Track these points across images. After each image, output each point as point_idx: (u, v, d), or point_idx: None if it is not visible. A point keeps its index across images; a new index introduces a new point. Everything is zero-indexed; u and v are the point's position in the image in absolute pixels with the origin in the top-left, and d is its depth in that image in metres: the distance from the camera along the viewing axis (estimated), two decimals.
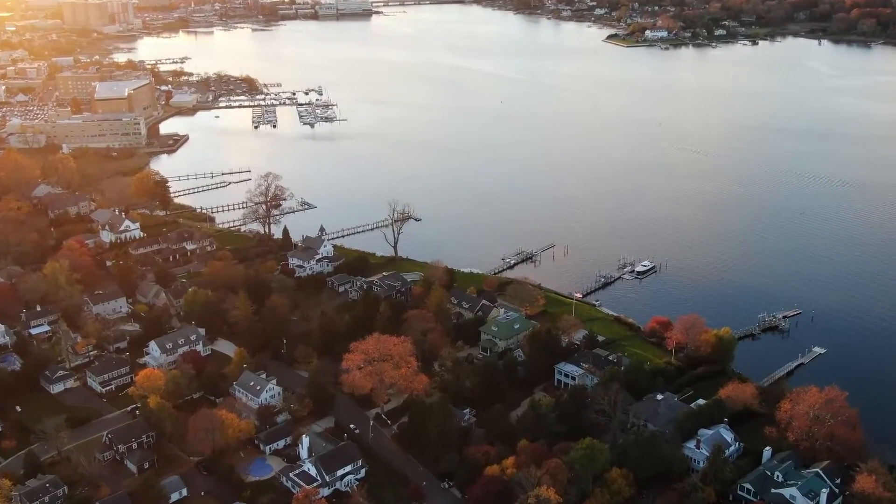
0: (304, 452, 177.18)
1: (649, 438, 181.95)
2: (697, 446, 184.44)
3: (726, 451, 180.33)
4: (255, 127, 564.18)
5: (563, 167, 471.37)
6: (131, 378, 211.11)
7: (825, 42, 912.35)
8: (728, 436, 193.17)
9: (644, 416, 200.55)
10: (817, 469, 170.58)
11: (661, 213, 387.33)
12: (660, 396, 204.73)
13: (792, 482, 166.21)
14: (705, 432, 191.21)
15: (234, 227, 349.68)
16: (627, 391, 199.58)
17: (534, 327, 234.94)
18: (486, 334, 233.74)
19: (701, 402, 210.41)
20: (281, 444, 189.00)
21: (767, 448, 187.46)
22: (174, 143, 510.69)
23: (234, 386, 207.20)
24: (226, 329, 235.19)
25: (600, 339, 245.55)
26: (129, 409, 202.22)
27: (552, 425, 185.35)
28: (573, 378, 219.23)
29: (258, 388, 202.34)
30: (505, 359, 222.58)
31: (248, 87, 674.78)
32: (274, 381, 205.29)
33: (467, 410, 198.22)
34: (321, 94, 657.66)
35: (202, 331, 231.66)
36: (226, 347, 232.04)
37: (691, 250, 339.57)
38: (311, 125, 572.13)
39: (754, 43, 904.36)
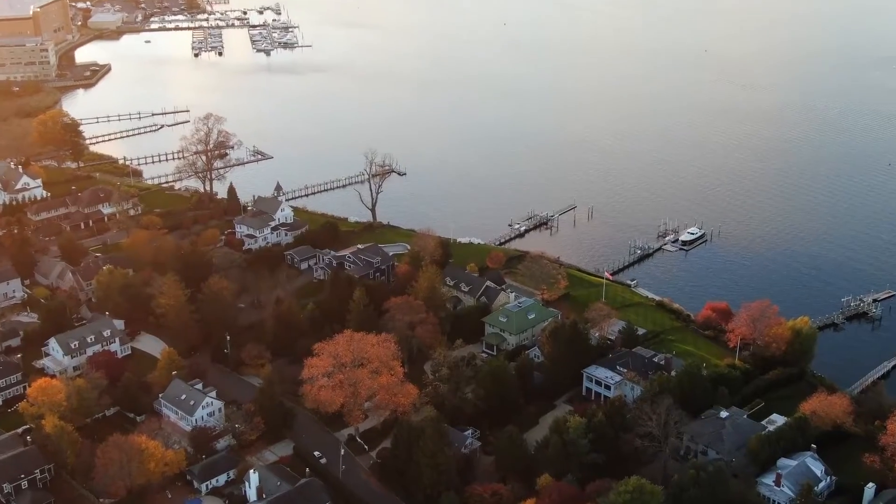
0: (251, 492, 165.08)
1: (714, 473, 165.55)
2: (777, 483, 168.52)
3: (816, 487, 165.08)
4: (196, 55, 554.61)
5: (583, 108, 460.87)
6: (24, 388, 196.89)
7: None
8: (817, 467, 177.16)
9: (704, 440, 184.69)
10: None
11: (710, 166, 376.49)
12: (724, 413, 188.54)
13: None
14: (787, 463, 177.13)
15: (167, 184, 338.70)
16: (681, 406, 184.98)
17: (554, 318, 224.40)
18: (491, 327, 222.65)
19: (776, 418, 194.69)
20: (221, 480, 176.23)
21: (870, 485, 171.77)
22: (92, 74, 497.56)
23: (159, 400, 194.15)
24: (151, 321, 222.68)
25: (640, 332, 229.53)
26: (19, 431, 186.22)
27: (583, 454, 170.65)
28: (608, 387, 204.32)
29: (192, 402, 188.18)
30: (518, 361, 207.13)
31: (188, 4, 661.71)
32: (213, 393, 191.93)
33: (469, 432, 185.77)
34: (279, 14, 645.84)
35: (119, 323, 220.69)
36: (151, 346, 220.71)
37: (749, 213, 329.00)
38: (267, 52, 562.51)
39: None
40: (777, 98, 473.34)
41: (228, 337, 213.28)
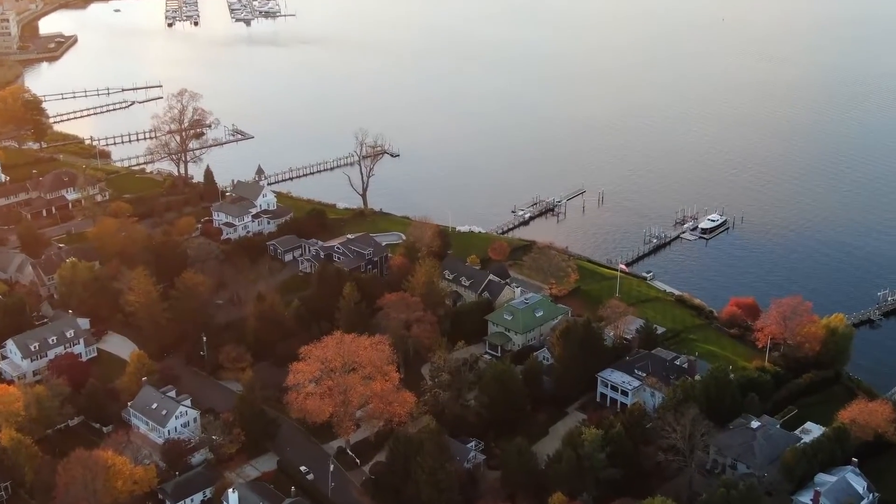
0: None
1: (746, 491, 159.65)
2: (816, 501, 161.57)
3: None
4: (170, 25, 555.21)
5: (591, 82, 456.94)
6: None
7: None
8: (859, 484, 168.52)
9: (733, 453, 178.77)
10: None
11: (731, 146, 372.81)
12: (755, 423, 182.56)
13: None
14: (826, 479, 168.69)
15: (137, 166, 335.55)
16: (706, 414, 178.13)
17: (564, 316, 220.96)
18: (495, 325, 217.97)
19: (811, 427, 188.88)
20: (197, 499, 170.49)
21: None
22: (57, 46, 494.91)
23: (128, 409, 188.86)
24: (119, 320, 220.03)
25: (658, 330, 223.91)
26: None
27: (600, 470, 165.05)
28: (625, 393, 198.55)
29: (164, 411, 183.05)
30: (525, 364, 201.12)
31: None
32: (188, 401, 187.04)
33: (472, 444, 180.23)
34: None
35: (84, 322, 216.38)
36: (119, 347, 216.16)
37: (775, 197, 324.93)
38: (247, 22, 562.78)
39: None
40: (802, 70, 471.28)
41: (205, 338, 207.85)
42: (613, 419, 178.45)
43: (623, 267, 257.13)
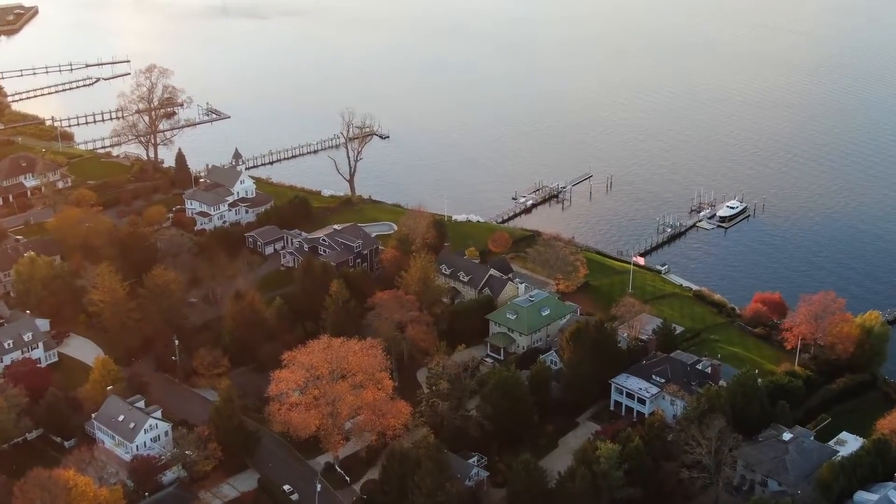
0: None
1: None
2: None
3: None
4: None
5: (598, 58, 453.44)
6: None
7: None
8: None
9: (764, 468, 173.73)
10: None
11: (751, 126, 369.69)
12: (787, 435, 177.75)
13: None
14: (866, 497, 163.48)
15: (102, 149, 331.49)
16: (733, 425, 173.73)
17: (573, 314, 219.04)
18: (497, 325, 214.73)
19: (846, 438, 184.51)
20: None
21: None
22: (16, 19, 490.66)
23: (92, 421, 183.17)
24: (82, 321, 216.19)
25: (676, 330, 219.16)
26: None
27: (617, 489, 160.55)
28: (642, 401, 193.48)
29: (131, 424, 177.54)
30: (532, 369, 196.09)
31: None
32: (158, 413, 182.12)
33: (474, 459, 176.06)
34: None
35: (44, 324, 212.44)
36: (82, 351, 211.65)
37: (799, 182, 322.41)
38: None
39: None
40: (829, 44, 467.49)
41: (177, 341, 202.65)
42: (631, 432, 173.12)
43: (638, 259, 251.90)
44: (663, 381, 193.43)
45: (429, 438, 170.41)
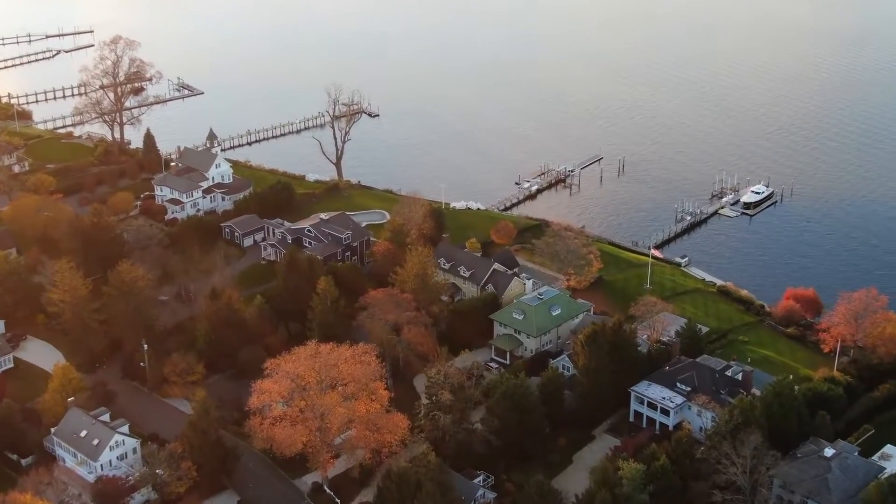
0: None
1: None
2: None
3: None
4: None
5: (608, 26, 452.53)
6: None
7: None
8: None
9: (804, 488, 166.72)
10: None
11: (776, 103, 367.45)
12: (829, 450, 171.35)
13: None
14: None
15: (63, 129, 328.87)
16: (768, 439, 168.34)
17: (586, 313, 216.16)
18: (503, 326, 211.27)
19: (893, 452, 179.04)
20: None
21: None
22: None
23: (52, 437, 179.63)
24: (41, 322, 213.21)
25: (701, 330, 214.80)
26: None
27: None
28: (665, 411, 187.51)
29: (95, 441, 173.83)
30: (544, 376, 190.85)
31: None
32: (126, 427, 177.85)
33: (480, 478, 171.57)
34: None
35: None
36: (40, 356, 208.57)
37: (831, 165, 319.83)
38: None
39: None
40: (862, 13, 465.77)
41: (146, 345, 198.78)
42: (656, 448, 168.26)
43: (656, 252, 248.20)
44: (689, 389, 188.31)
45: (429, 456, 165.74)
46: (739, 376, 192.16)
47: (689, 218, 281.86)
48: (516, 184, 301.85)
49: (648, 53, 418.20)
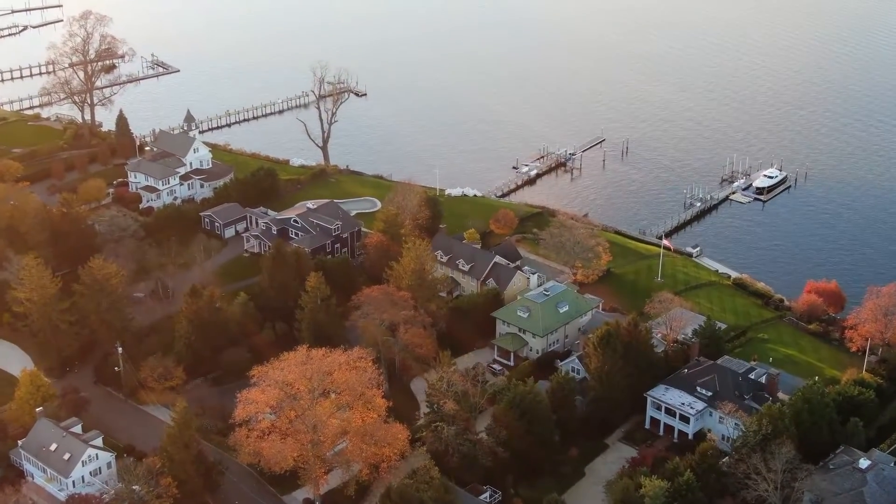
0: None
1: None
2: None
3: None
4: None
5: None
6: None
7: None
8: None
9: (838, 503, 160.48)
10: None
11: (788, 81, 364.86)
12: (864, 461, 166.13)
13: None
14: None
15: (29, 110, 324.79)
16: (799, 449, 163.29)
17: (595, 310, 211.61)
18: (506, 325, 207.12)
19: None
20: None
21: None
22: None
23: (18, 450, 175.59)
24: (6, 323, 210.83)
25: (719, 327, 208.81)
26: None
27: None
28: (685, 418, 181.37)
29: (66, 455, 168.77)
30: (553, 380, 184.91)
31: None
32: (100, 440, 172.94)
33: (486, 494, 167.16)
34: None
35: None
36: (6, 360, 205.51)
37: (848, 147, 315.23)
38: None
39: None
40: None
41: (120, 348, 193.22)
42: (680, 463, 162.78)
43: (667, 243, 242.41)
44: (710, 394, 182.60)
45: (432, 471, 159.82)
46: (763, 379, 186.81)
47: (698, 204, 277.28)
48: (514, 168, 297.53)
49: (648, 28, 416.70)
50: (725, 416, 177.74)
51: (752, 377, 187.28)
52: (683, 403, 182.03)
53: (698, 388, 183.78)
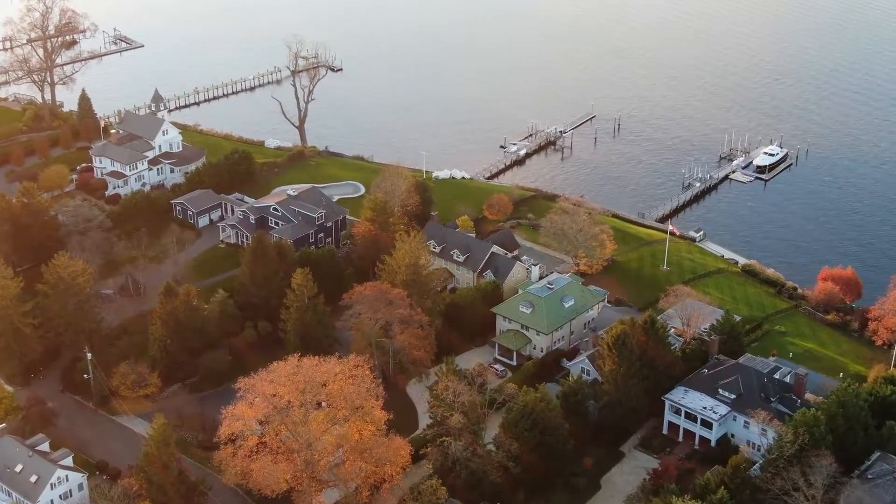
0: None
1: None
2: None
3: None
4: None
5: None
6: None
7: None
8: None
9: None
10: None
11: (788, 52, 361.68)
12: None
13: None
14: None
15: None
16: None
17: (602, 304, 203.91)
18: (507, 321, 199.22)
19: None
20: None
21: None
22: None
23: None
24: None
25: (736, 320, 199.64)
26: None
27: None
28: (707, 423, 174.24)
29: (34, 478, 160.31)
30: (565, 386, 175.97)
31: None
32: (69, 459, 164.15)
33: None
34: None
35: None
36: None
37: (851, 122, 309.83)
38: None
39: None
40: None
41: (89, 353, 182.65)
42: (710, 478, 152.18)
43: (674, 230, 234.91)
44: (734, 397, 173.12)
45: (438, 492, 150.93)
46: (789, 379, 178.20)
47: (697, 184, 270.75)
48: (501, 147, 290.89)
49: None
50: (753, 423, 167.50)
51: (778, 377, 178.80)
52: (705, 407, 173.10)
53: (720, 391, 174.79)
